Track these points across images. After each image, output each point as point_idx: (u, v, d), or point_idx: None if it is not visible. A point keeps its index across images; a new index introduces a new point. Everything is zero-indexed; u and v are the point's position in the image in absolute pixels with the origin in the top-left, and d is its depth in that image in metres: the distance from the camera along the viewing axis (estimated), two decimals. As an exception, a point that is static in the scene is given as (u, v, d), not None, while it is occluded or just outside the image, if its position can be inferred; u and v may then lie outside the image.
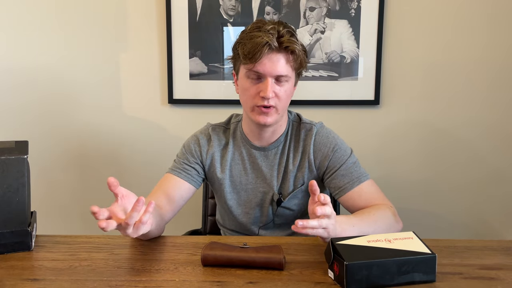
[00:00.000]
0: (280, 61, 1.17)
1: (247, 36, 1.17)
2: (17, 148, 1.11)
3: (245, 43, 1.17)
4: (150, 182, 1.93)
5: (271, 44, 1.14)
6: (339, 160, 1.26)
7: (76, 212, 2.01)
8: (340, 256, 0.90)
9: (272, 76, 1.17)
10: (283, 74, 1.18)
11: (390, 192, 1.89)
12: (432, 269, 0.92)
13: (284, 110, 1.24)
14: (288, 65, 1.18)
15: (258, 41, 1.14)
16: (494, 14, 1.80)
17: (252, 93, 1.20)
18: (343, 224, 1.05)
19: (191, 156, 1.32)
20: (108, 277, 0.96)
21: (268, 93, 1.16)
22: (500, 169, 1.91)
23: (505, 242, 1.15)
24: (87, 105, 1.93)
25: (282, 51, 1.17)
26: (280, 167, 1.31)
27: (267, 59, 1.16)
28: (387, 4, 1.80)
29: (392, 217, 1.18)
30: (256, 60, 1.15)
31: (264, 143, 1.31)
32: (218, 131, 1.36)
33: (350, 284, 0.88)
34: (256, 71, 1.17)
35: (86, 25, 1.87)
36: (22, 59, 1.90)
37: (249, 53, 1.15)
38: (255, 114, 1.21)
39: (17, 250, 1.09)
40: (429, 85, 1.86)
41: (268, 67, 1.16)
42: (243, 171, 1.33)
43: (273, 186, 1.31)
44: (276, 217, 1.33)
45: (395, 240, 0.96)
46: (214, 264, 1.00)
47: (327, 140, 1.29)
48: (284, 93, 1.20)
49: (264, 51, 1.14)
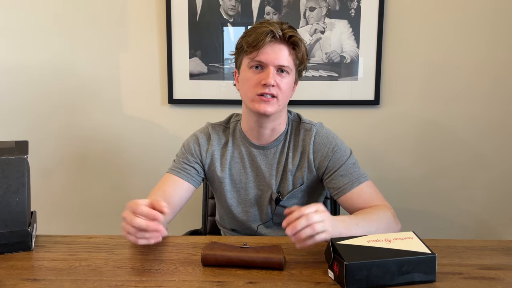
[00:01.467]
0: (282, 51, 1.19)
1: (252, 29, 1.22)
2: (17, 148, 1.11)
3: (250, 34, 1.20)
4: (150, 182, 1.94)
5: (275, 33, 1.17)
6: (338, 161, 1.27)
7: (76, 212, 2.01)
8: (340, 256, 0.90)
9: (274, 66, 1.19)
10: (285, 64, 1.20)
11: (390, 192, 1.90)
12: (432, 269, 0.92)
13: (284, 103, 1.25)
14: (290, 58, 1.21)
15: (262, 31, 1.18)
16: (494, 14, 1.80)
17: (253, 83, 1.21)
18: (346, 222, 1.05)
19: (190, 156, 1.33)
20: (108, 277, 0.96)
21: (270, 79, 1.18)
22: (500, 169, 1.91)
23: (505, 242, 1.15)
24: (87, 105, 1.93)
25: (285, 42, 1.20)
26: (279, 166, 1.31)
27: (270, 48, 1.19)
28: (387, 4, 1.80)
29: (392, 218, 1.18)
30: (259, 48, 1.18)
31: (263, 141, 1.31)
32: (217, 130, 1.36)
33: (350, 284, 0.88)
34: (259, 60, 1.19)
35: (86, 25, 1.87)
36: (21, 59, 1.90)
37: (253, 41, 1.18)
38: (255, 103, 1.21)
39: (17, 250, 1.09)
40: (429, 85, 1.86)
41: (271, 56, 1.18)
42: (243, 170, 1.33)
43: (272, 185, 1.31)
44: (275, 216, 1.34)
45: (395, 240, 0.96)
46: (214, 264, 1.00)
47: (326, 140, 1.29)
48: (285, 84, 1.21)
49: (267, 40, 1.17)
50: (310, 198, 1.35)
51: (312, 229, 0.95)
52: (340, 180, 1.25)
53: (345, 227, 1.03)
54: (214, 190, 1.40)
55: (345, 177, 1.25)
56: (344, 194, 1.24)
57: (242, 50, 1.23)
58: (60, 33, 1.87)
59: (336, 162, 1.27)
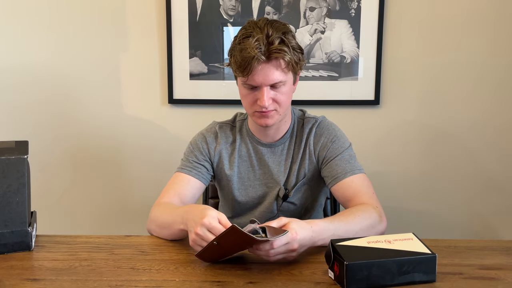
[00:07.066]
0: (271, 70, 1.16)
1: (237, 48, 1.16)
2: (17, 148, 1.11)
3: (236, 55, 1.16)
4: (150, 181, 1.94)
5: (258, 59, 1.13)
6: (336, 151, 1.28)
7: (76, 212, 2.01)
8: (340, 256, 0.90)
9: (267, 85, 1.18)
10: (277, 81, 1.18)
11: (390, 192, 1.90)
12: (432, 269, 0.92)
13: (285, 110, 1.26)
14: (281, 71, 1.18)
15: (246, 56, 1.13)
16: (494, 14, 1.80)
17: (250, 101, 1.22)
18: (319, 227, 1.05)
19: (199, 154, 1.34)
20: (108, 277, 0.96)
21: (264, 102, 1.18)
22: (500, 169, 1.91)
23: (505, 242, 1.15)
24: (87, 105, 1.93)
25: (272, 60, 1.15)
26: (287, 162, 1.33)
27: (259, 71, 1.15)
28: (387, 4, 1.80)
29: (377, 217, 1.15)
30: (248, 74, 1.16)
31: (270, 139, 1.34)
32: (225, 128, 1.37)
33: (350, 284, 0.88)
34: (250, 83, 1.18)
35: (86, 24, 1.86)
36: (21, 59, 1.90)
37: (240, 66, 1.15)
38: (256, 118, 1.24)
39: (17, 250, 1.09)
40: (429, 85, 1.86)
41: (261, 78, 1.16)
42: (251, 168, 1.35)
43: (280, 181, 1.33)
44: (280, 212, 1.35)
45: (395, 241, 0.96)
46: (212, 260, 1.00)
47: (327, 131, 1.32)
48: (282, 95, 1.21)
49: (253, 65, 1.14)
50: (313, 193, 1.36)
51: (283, 258, 0.99)
52: (335, 169, 1.26)
53: (316, 232, 1.03)
54: (221, 189, 1.41)
55: (340, 166, 1.26)
56: (337, 182, 1.25)
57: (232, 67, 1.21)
58: (60, 33, 1.87)
59: (334, 152, 1.28)
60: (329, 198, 1.57)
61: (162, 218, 1.17)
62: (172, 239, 1.16)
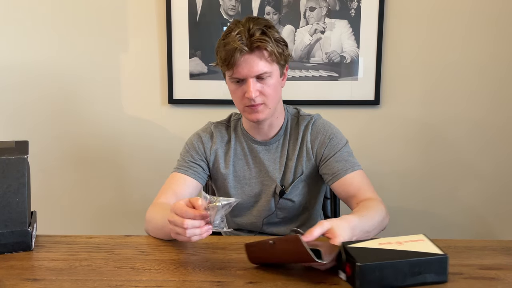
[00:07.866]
0: (255, 61, 1.18)
1: (221, 44, 1.20)
2: (17, 148, 1.11)
3: (220, 50, 1.20)
4: (150, 181, 1.94)
5: (241, 49, 1.16)
6: (334, 148, 1.29)
7: (76, 212, 2.01)
8: (352, 257, 0.90)
9: (252, 77, 1.19)
10: (262, 71, 1.19)
11: (390, 191, 1.90)
12: (444, 269, 0.92)
13: (275, 104, 1.26)
14: (265, 61, 1.19)
15: (229, 48, 1.16)
16: (494, 14, 1.80)
17: (238, 96, 1.24)
18: (358, 224, 1.05)
19: (195, 154, 1.34)
20: (108, 277, 0.96)
21: (251, 93, 1.19)
22: (500, 169, 1.91)
23: (505, 242, 1.15)
24: (87, 105, 1.93)
25: (254, 51, 1.18)
26: (282, 159, 1.34)
27: (242, 63, 1.18)
28: (387, 4, 1.80)
29: (385, 213, 1.18)
30: (232, 67, 1.18)
31: (264, 137, 1.34)
32: (220, 128, 1.38)
33: (362, 285, 0.88)
34: (236, 76, 1.20)
35: (86, 25, 1.87)
36: (21, 59, 1.90)
37: (224, 60, 1.18)
38: (247, 114, 1.26)
39: (17, 250, 1.09)
40: (429, 85, 1.86)
41: (246, 70, 1.18)
42: (246, 166, 1.35)
43: (276, 178, 1.33)
44: (278, 210, 1.35)
45: (406, 242, 0.96)
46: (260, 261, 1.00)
47: (323, 129, 1.32)
48: (269, 88, 1.22)
49: (236, 56, 1.16)
50: (311, 190, 1.37)
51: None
52: (335, 166, 1.27)
53: (352, 229, 1.02)
54: (217, 188, 1.41)
55: (340, 163, 1.27)
56: (338, 179, 1.26)
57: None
58: (60, 33, 1.87)
59: (332, 149, 1.29)
60: (328, 198, 1.57)
61: (156, 220, 1.17)
62: (168, 239, 1.16)
